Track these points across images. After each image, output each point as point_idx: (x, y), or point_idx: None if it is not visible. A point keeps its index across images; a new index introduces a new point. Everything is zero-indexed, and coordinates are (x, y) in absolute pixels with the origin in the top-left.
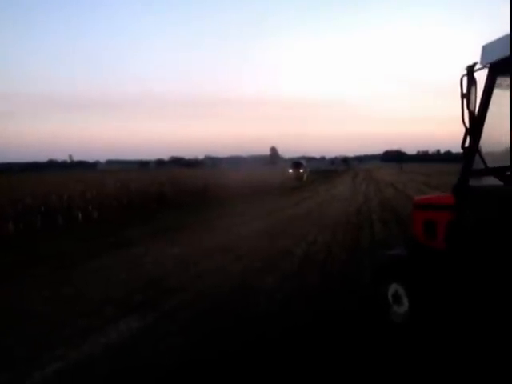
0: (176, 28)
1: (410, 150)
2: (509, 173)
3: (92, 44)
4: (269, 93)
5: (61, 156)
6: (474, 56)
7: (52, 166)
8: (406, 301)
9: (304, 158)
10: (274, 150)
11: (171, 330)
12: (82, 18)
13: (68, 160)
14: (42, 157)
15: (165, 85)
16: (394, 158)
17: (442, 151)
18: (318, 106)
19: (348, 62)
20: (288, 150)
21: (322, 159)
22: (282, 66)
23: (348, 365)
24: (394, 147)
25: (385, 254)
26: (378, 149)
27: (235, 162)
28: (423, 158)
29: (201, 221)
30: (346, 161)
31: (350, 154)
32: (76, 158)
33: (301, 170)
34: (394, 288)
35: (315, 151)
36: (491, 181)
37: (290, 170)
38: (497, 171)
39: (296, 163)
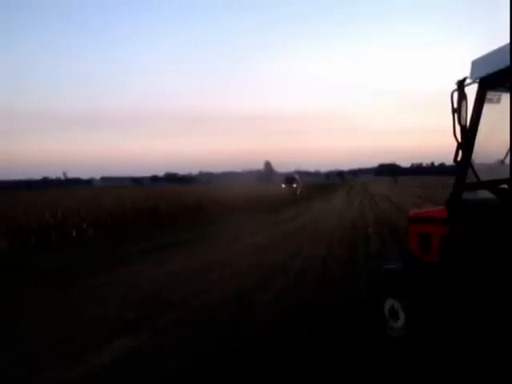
0: (169, 43)
1: (404, 162)
2: (502, 186)
3: (85, 61)
4: (262, 107)
5: (55, 173)
6: (466, 70)
7: (46, 183)
8: (402, 315)
9: (298, 172)
10: (268, 164)
11: (166, 346)
12: (76, 35)
13: (62, 177)
14: (36, 174)
15: (159, 101)
16: (389, 171)
17: (436, 164)
18: (312, 120)
19: (343, 77)
20: (282, 165)
21: (317, 173)
22: (277, 81)
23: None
24: (388, 160)
25: (380, 268)
26: (372, 162)
27: (229, 177)
28: (417, 170)
29: (195, 238)
30: (340, 175)
31: (345, 167)
32: (70, 175)
33: (294, 185)
34: (390, 303)
35: (310, 165)
36: (484, 194)
37: (283, 185)
38: (489, 184)
39: (289, 178)
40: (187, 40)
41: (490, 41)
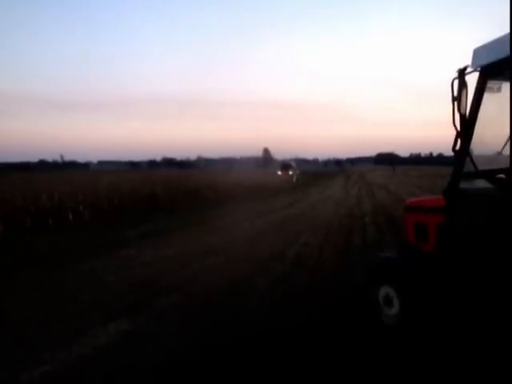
0: (168, 27)
1: (403, 152)
2: (499, 175)
3: (83, 44)
4: (262, 94)
5: (52, 156)
6: (467, 59)
7: (43, 166)
8: (396, 303)
9: (297, 159)
10: (266, 151)
11: (162, 331)
12: (73, 18)
13: (59, 160)
14: (33, 157)
15: (157, 85)
16: (387, 160)
17: (435, 154)
18: (312, 108)
19: (343, 65)
20: (281, 152)
21: (315, 161)
22: (276, 68)
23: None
24: (387, 149)
25: (376, 256)
26: (371, 151)
27: (228, 163)
28: (416, 160)
29: (192, 223)
30: (339, 163)
31: (343, 156)
32: (67, 158)
33: (290, 172)
34: (384, 290)
35: (308, 153)
36: (482, 184)
37: (279, 172)
38: (487, 174)
39: (285, 165)
40: (188, 24)
41: (492, 30)
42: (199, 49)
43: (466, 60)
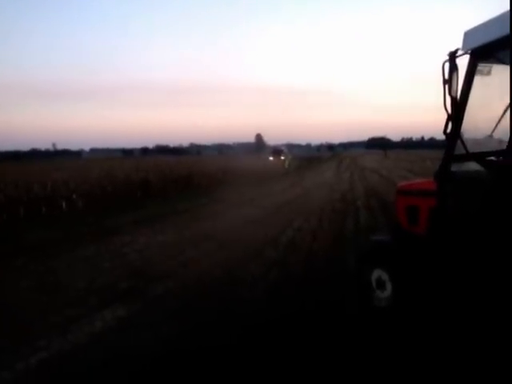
0: (158, 15)
1: (395, 136)
2: (490, 158)
3: (74, 31)
4: (254, 80)
5: (44, 145)
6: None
7: (35, 154)
8: (389, 286)
9: (290, 144)
10: (259, 137)
11: (156, 318)
12: (65, 5)
13: (51, 148)
14: (25, 145)
15: (149, 72)
16: (379, 144)
17: (426, 138)
18: (303, 93)
19: (334, 50)
20: (273, 138)
21: (308, 146)
22: (268, 53)
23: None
24: (379, 134)
25: (369, 239)
26: (362, 136)
27: (220, 149)
28: (407, 144)
29: (185, 209)
30: (331, 148)
31: (336, 141)
32: (59, 146)
33: (282, 157)
34: (377, 273)
35: (301, 138)
36: (473, 166)
37: (271, 158)
38: (478, 157)
39: (276, 150)
40: (178, 11)
41: (483, 13)
42: (191, 36)
43: (459, 43)
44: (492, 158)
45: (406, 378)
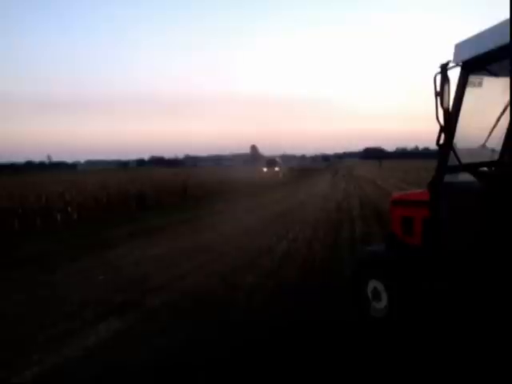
0: (156, 28)
1: (389, 147)
2: (482, 168)
3: (70, 44)
4: (249, 91)
5: (39, 157)
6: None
7: (30, 166)
8: (384, 296)
9: (285, 156)
10: (254, 148)
11: (153, 330)
12: (62, 18)
13: (46, 161)
14: (19, 157)
15: (145, 85)
16: (374, 155)
17: (421, 148)
18: (299, 104)
19: (328, 62)
20: (269, 148)
21: (303, 157)
22: (263, 65)
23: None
24: (374, 145)
25: (364, 250)
26: (357, 146)
27: (216, 160)
28: (402, 154)
29: (180, 221)
30: (326, 159)
31: (331, 151)
32: (55, 158)
33: (276, 168)
34: (373, 284)
35: (295, 149)
36: (465, 177)
37: (265, 169)
38: (471, 167)
39: (270, 161)
40: (176, 24)
41: (474, 25)
42: (186, 48)
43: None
44: (484, 168)
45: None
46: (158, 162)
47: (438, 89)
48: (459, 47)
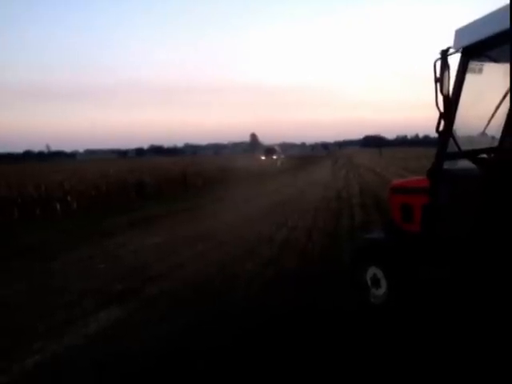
0: (153, 15)
1: (390, 134)
2: (482, 155)
3: (68, 32)
4: (249, 79)
5: (38, 146)
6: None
7: (29, 156)
8: (383, 283)
9: (284, 144)
10: (254, 136)
11: (153, 318)
12: (56, 7)
13: (45, 150)
14: (18, 147)
15: (143, 73)
16: (374, 143)
17: (421, 135)
18: (299, 92)
19: (329, 49)
20: (268, 137)
21: (303, 145)
22: (263, 53)
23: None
24: (374, 132)
25: (363, 237)
26: (357, 134)
27: (215, 149)
28: (402, 142)
29: (179, 209)
30: (326, 147)
31: (330, 139)
32: (54, 148)
33: (274, 157)
34: (372, 271)
35: (295, 137)
36: (465, 164)
37: (263, 157)
38: (470, 154)
39: (269, 149)
40: (172, 12)
41: (474, 11)
42: (184, 36)
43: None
44: (484, 155)
45: (404, 376)
46: (157, 150)
47: (438, 75)
48: (459, 33)
